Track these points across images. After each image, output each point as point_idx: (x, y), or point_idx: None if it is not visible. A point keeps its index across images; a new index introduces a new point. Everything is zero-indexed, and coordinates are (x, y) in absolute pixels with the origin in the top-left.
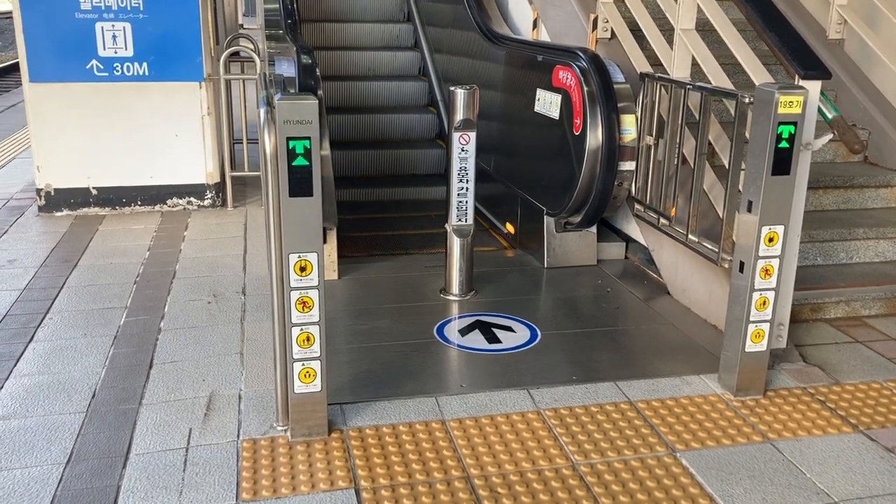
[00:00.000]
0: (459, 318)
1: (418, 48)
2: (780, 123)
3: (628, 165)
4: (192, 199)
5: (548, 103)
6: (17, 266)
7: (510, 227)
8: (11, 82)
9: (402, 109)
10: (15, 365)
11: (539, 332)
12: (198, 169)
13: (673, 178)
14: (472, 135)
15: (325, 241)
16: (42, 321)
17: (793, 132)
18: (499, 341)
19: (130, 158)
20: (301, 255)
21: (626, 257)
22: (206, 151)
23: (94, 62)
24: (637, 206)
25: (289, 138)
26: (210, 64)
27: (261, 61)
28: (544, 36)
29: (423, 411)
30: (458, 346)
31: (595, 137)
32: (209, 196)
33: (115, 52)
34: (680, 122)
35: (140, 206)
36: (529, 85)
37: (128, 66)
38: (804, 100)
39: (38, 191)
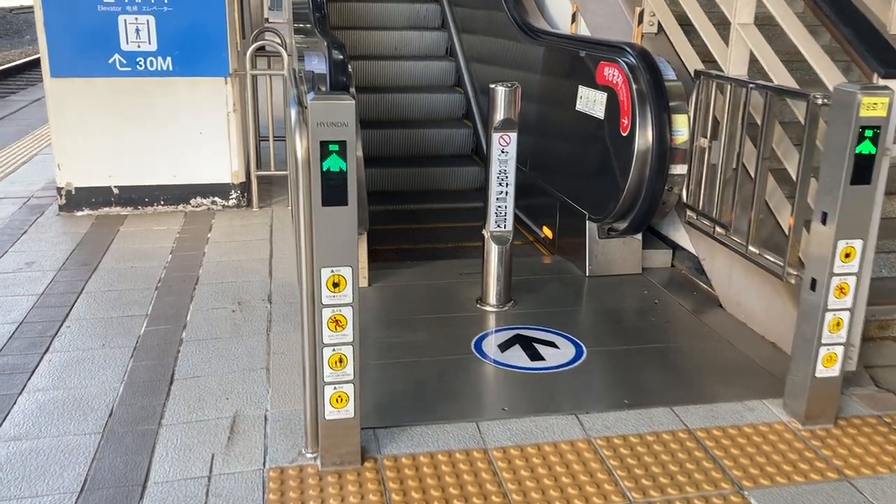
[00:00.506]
0: (498, 331)
1: (446, 28)
2: (863, 127)
3: (680, 169)
4: (216, 199)
5: (591, 102)
6: (35, 269)
7: (547, 232)
8: (36, 76)
9: (429, 89)
10: (29, 378)
11: (584, 349)
12: (222, 168)
13: (730, 183)
14: (514, 136)
15: None
16: (59, 329)
17: (875, 137)
18: (541, 358)
19: (153, 156)
20: (334, 269)
21: (672, 265)
22: (231, 149)
23: (116, 56)
24: (689, 212)
25: (322, 142)
26: (236, 59)
27: (288, 56)
28: (583, 30)
29: (463, 438)
30: (498, 363)
31: (644, 139)
32: (234, 196)
33: (139, 47)
34: (740, 123)
35: (163, 205)
36: (570, 82)
37: (151, 61)
38: (889, 101)
39: (59, 189)
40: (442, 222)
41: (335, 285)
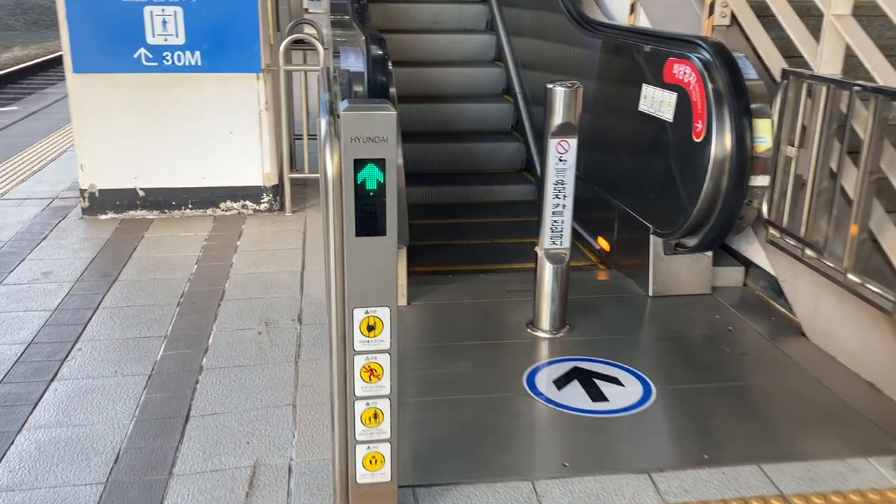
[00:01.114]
0: (553, 363)
1: (494, 31)
2: None
3: (761, 180)
4: (247, 202)
5: (657, 102)
6: (51, 280)
7: (603, 243)
8: None
9: (475, 97)
10: (31, 412)
11: (652, 387)
12: (254, 169)
13: (825, 199)
14: (573, 142)
15: None
16: (69, 352)
17: None
18: (604, 398)
19: (181, 157)
20: (369, 310)
21: (744, 284)
22: (263, 150)
23: (142, 51)
24: (771, 230)
25: (357, 160)
26: (269, 53)
27: (325, 50)
28: (643, 22)
29: (517, 502)
30: (555, 403)
31: (722, 146)
32: (266, 199)
33: (165, 40)
34: (837, 130)
35: (191, 209)
36: (632, 80)
37: (178, 56)
38: None
39: (82, 191)
40: (492, 237)
41: (370, 328)
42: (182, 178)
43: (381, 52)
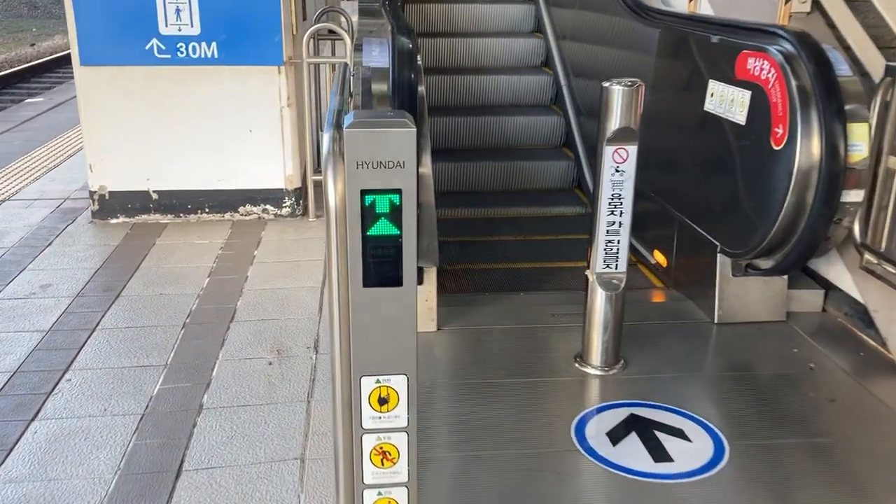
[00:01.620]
0: (606, 408)
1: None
2: None
3: (854, 195)
4: (267, 206)
5: (727, 102)
6: (49, 294)
7: (660, 258)
8: None
9: (519, 109)
10: (3, 461)
11: (724, 443)
12: (275, 171)
13: None
14: (633, 150)
15: (421, 282)
16: (57, 384)
17: None
18: (668, 458)
19: (196, 157)
20: (381, 378)
21: (823, 310)
22: (285, 150)
23: (154, 42)
24: (867, 255)
25: (365, 191)
26: (292, 44)
27: (351, 42)
28: (706, 9)
29: None
30: (609, 463)
31: (807, 154)
32: (288, 204)
33: (179, 30)
34: None
35: (207, 213)
36: (696, 75)
37: (193, 47)
38: None
39: (91, 193)
40: (535, 260)
41: (382, 402)
42: (198, 180)
43: (408, 45)
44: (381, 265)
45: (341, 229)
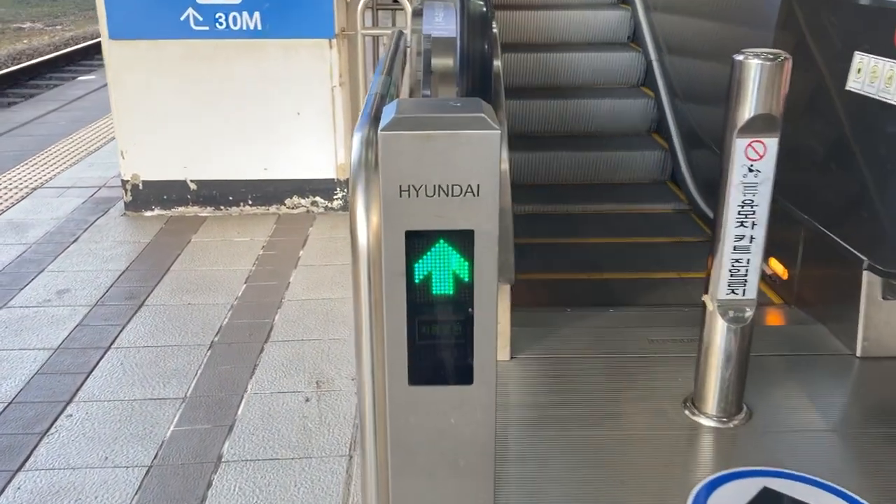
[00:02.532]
0: (730, 478)
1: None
2: None
3: None
4: (317, 198)
5: (880, 79)
6: (65, 302)
7: (777, 267)
8: None
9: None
10: None
11: None
12: (325, 159)
13: None
14: (773, 144)
15: None
16: (55, 421)
17: None
18: None
19: (238, 144)
20: None
21: None
22: (336, 135)
23: (190, 11)
24: None
25: (412, 234)
26: (345, 13)
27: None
28: None
29: None
30: None
31: None
32: (339, 196)
33: None
34: None
35: (251, 206)
36: (835, 47)
37: (234, 18)
38: None
39: (124, 183)
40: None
41: None
42: (240, 169)
43: (482, 9)
44: (437, 352)
45: (376, 292)
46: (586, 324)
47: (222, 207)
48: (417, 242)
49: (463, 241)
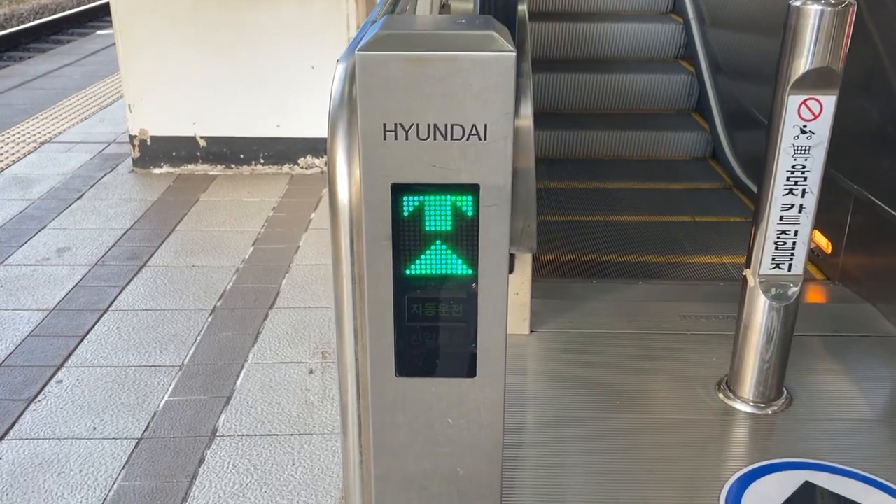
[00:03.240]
0: (768, 469)
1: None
2: None
3: None
4: None
5: None
6: (64, 261)
7: (821, 241)
8: None
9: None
10: None
11: None
12: None
13: None
14: (830, 102)
15: (511, 271)
16: (44, 387)
17: None
18: None
19: (250, 99)
20: None
21: None
22: None
23: None
24: None
25: (400, 188)
26: None
27: None
28: None
29: None
30: None
31: None
32: None
33: None
34: None
35: (263, 165)
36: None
37: None
38: None
39: (132, 138)
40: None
41: None
42: (252, 126)
43: None
44: (432, 337)
45: (359, 261)
46: (613, 297)
47: (233, 166)
48: (406, 199)
49: (465, 198)
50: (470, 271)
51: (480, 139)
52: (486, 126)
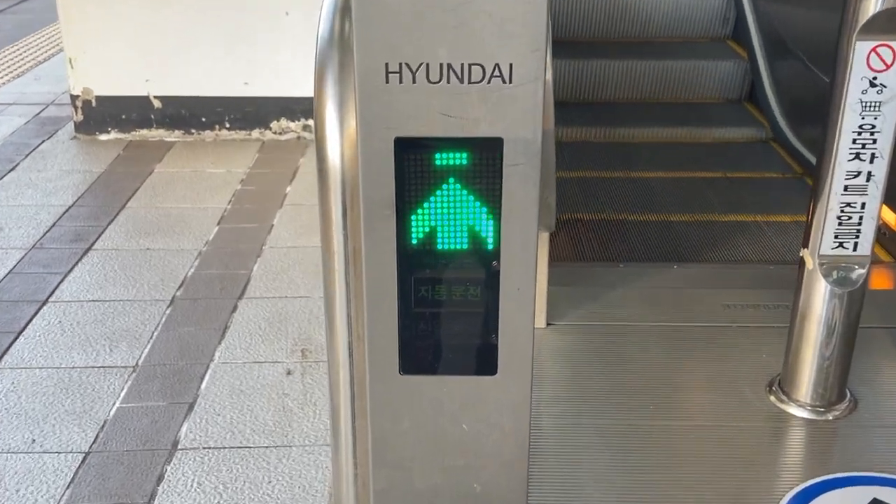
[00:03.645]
0: (827, 485)
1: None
2: None
3: None
4: (309, 122)
5: None
6: None
7: (889, 218)
8: None
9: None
10: None
11: None
12: None
13: None
14: None
15: (551, 230)
16: None
17: None
18: None
19: (213, 51)
20: None
21: None
22: None
23: None
24: None
25: (404, 141)
26: None
27: None
28: None
29: None
30: None
31: None
32: None
33: None
34: None
35: (228, 130)
36: None
37: None
38: None
39: (73, 98)
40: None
41: None
42: (216, 84)
43: None
44: (444, 327)
45: (354, 235)
46: (643, 283)
47: (193, 131)
48: (414, 157)
49: (486, 155)
50: (491, 246)
51: (504, 82)
52: (510, 66)
